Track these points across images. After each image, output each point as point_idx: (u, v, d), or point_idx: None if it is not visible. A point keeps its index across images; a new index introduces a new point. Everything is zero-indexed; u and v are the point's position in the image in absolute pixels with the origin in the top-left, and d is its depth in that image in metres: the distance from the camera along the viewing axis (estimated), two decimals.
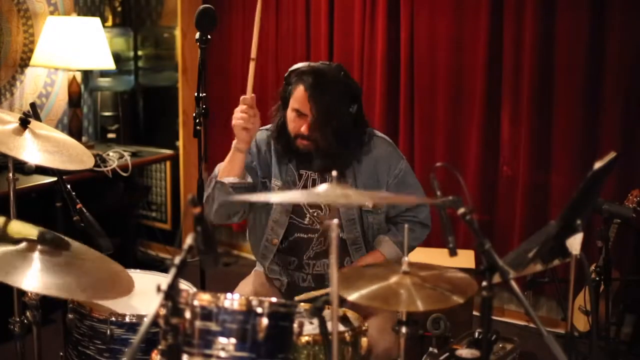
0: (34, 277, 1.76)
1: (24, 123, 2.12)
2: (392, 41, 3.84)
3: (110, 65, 4.12)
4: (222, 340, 1.58)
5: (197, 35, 2.53)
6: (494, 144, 3.65)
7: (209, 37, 2.54)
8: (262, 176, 2.45)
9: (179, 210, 4.70)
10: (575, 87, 3.41)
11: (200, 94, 2.55)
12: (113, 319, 2.04)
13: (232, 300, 1.60)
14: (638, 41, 3.27)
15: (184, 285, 2.24)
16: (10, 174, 2.26)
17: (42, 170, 3.37)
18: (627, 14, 3.27)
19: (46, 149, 2.11)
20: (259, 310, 1.59)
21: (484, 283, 1.55)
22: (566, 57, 3.41)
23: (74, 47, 3.89)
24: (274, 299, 1.65)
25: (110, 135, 4.51)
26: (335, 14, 4.04)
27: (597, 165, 1.72)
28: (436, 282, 1.71)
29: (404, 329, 1.80)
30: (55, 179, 2.32)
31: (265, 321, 1.59)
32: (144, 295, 2.18)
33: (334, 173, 1.64)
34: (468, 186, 3.59)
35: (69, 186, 2.32)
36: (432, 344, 2.33)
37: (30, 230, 1.94)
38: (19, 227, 1.97)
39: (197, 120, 2.55)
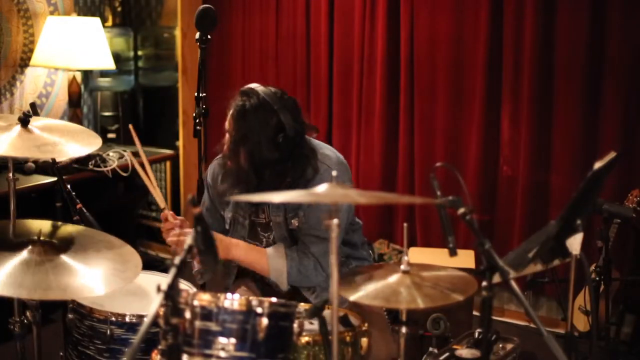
0: (41, 285, 1.76)
1: (25, 123, 2.12)
2: (392, 41, 3.84)
3: (110, 65, 4.12)
4: (222, 340, 1.58)
5: (197, 35, 2.53)
6: (494, 144, 3.65)
7: (209, 37, 2.54)
8: (220, 207, 2.47)
9: (179, 210, 4.69)
10: (575, 87, 3.40)
11: (200, 94, 2.55)
12: (113, 319, 2.04)
13: (232, 300, 1.60)
14: (638, 41, 3.27)
15: (184, 285, 2.24)
16: (10, 174, 2.25)
17: (42, 170, 3.38)
18: (627, 14, 3.27)
19: (54, 142, 2.09)
20: (259, 310, 1.60)
21: (484, 283, 1.55)
22: (566, 57, 3.41)
23: (74, 47, 3.89)
24: (274, 299, 1.65)
25: (110, 135, 4.51)
26: (335, 14, 4.04)
27: (597, 165, 1.72)
28: (436, 281, 1.71)
29: (404, 329, 1.80)
30: (55, 179, 2.32)
31: (265, 321, 1.59)
32: (144, 295, 2.18)
33: (334, 173, 1.64)
34: (468, 186, 3.59)
35: (69, 186, 2.32)
36: (432, 344, 2.34)
37: (34, 227, 1.95)
38: (23, 226, 1.98)
39: (197, 120, 2.55)
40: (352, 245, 2.49)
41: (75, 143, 2.10)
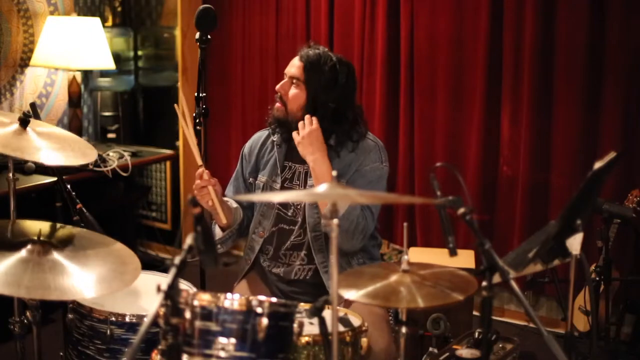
0: (39, 284, 1.76)
1: (24, 123, 2.12)
2: (392, 41, 3.84)
3: (110, 65, 4.12)
4: (222, 340, 1.58)
5: (197, 35, 2.53)
6: (494, 144, 3.65)
7: (209, 37, 2.54)
8: (249, 177, 2.58)
9: (179, 210, 4.69)
10: (575, 87, 3.40)
11: (200, 94, 2.56)
12: (113, 319, 2.04)
13: (232, 300, 1.60)
14: (638, 41, 3.27)
15: (184, 285, 2.24)
16: (10, 174, 2.25)
17: (42, 170, 3.37)
18: (627, 14, 3.27)
19: (49, 147, 2.10)
20: (259, 310, 1.59)
21: (484, 283, 1.55)
22: (566, 58, 3.41)
23: (74, 47, 3.89)
24: (274, 299, 1.65)
25: (110, 135, 4.52)
26: (335, 14, 4.04)
27: (597, 165, 1.72)
28: (436, 280, 1.71)
29: (404, 329, 1.80)
30: (55, 179, 2.32)
31: (265, 321, 1.59)
32: (144, 295, 2.18)
33: (334, 173, 1.65)
34: (468, 186, 3.59)
35: (69, 186, 2.32)
36: (432, 344, 2.34)
37: (33, 227, 1.95)
38: (22, 226, 1.98)
39: (197, 120, 2.56)
40: (372, 238, 2.57)
41: (69, 152, 2.12)
